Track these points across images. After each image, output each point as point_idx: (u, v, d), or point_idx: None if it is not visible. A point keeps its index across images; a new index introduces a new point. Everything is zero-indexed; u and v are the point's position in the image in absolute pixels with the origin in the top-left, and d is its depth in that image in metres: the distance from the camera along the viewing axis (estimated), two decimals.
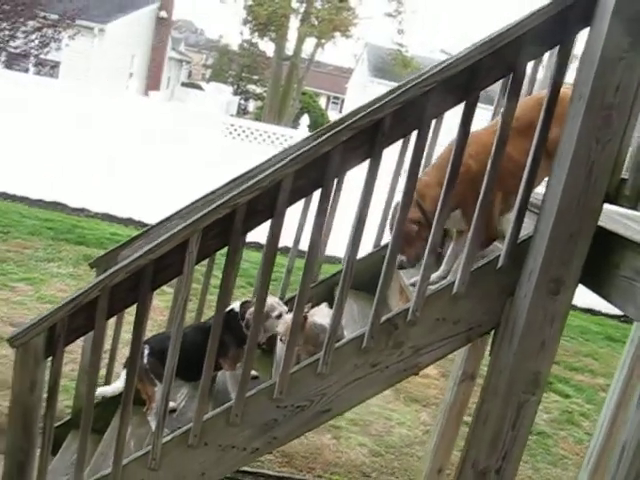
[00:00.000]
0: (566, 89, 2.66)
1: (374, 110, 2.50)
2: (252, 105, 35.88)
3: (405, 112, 2.55)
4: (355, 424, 5.35)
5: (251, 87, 36.13)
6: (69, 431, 3.98)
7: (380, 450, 5.12)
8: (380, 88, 27.49)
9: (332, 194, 2.64)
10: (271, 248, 2.66)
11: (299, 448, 4.73)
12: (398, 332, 2.77)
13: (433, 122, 3.08)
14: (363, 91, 28.47)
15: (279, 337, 3.26)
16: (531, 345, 2.66)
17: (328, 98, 47.32)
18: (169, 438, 2.88)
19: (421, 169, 2.86)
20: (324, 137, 2.51)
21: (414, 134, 2.62)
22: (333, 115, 41.41)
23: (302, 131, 11.13)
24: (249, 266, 8.47)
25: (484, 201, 2.66)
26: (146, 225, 10.75)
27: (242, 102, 33.71)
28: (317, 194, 2.65)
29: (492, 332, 2.89)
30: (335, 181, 2.66)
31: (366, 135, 2.55)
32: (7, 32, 14.39)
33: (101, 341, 2.81)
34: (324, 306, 3.31)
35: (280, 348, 3.35)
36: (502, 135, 2.61)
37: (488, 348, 4.53)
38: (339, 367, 2.77)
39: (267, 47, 32.10)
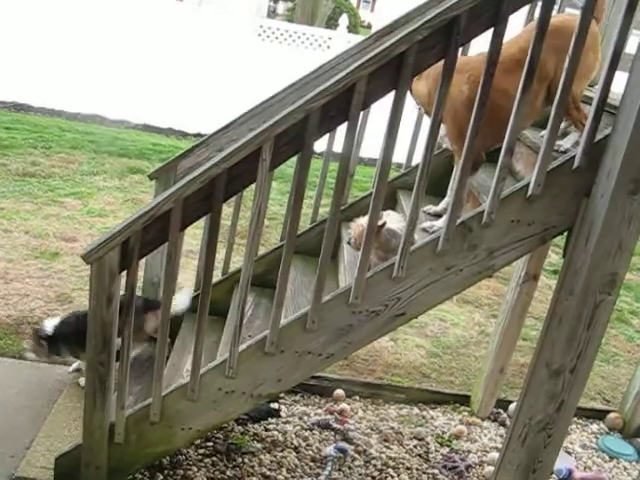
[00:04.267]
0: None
1: (450, 7, 2.40)
2: (282, 7, 34.86)
3: (481, 9, 2.44)
4: (410, 326, 5.40)
5: None
6: None
7: (437, 351, 5.18)
8: None
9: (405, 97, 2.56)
10: (347, 154, 2.61)
11: (359, 351, 4.77)
12: (473, 235, 2.75)
13: None
14: None
15: (346, 241, 3.26)
16: (608, 246, 2.63)
17: None
18: (245, 346, 2.93)
19: None
20: (399, 37, 2.42)
21: None
22: (365, 15, 40.12)
23: (340, 32, 10.80)
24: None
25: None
26: (187, 134, 10.78)
27: (271, 4, 32.77)
28: None
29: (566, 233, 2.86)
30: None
31: (441, 34, 2.45)
32: None
33: (175, 253, 2.83)
34: (391, 212, 3.28)
35: (348, 252, 3.35)
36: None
37: (552, 248, 4.52)
38: (414, 271, 2.77)
39: None
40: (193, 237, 5.58)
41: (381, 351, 4.94)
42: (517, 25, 3.19)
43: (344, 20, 10.71)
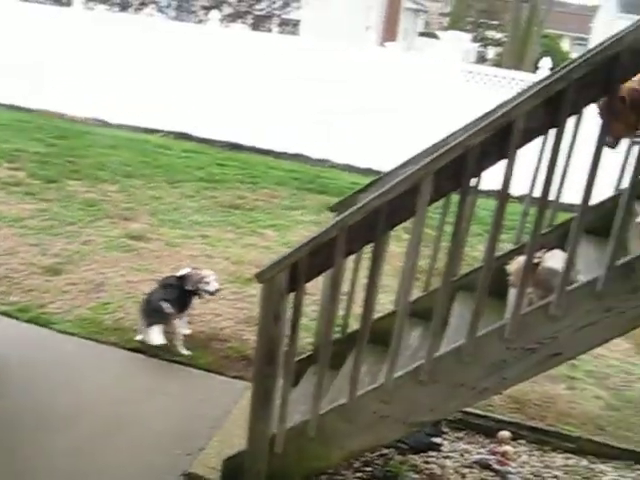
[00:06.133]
0: None
1: (610, 45, 2.40)
2: (492, 52, 34.76)
3: None
4: (592, 376, 5.18)
5: (490, 33, 35.01)
6: (309, 365, 4.26)
7: (617, 404, 4.92)
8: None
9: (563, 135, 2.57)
10: (504, 191, 2.66)
11: (532, 396, 4.69)
12: (636, 276, 2.67)
13: None
14: (610, 29, 26.45)
15: (509, 280, 3.27)
16: None
17: (572, 40, 44.59)
18: (401, 374, 3.03)
19: None
20: (555, 75, 2.46)
21: None
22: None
23: (542, 74, 10.66)
24: (486, 214, 8.36)
25: None
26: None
27: (481, 49, 32.84)
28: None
29: None
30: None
31: (601, 72, 2.46)
32: None
33: (339, 278, 3.00)
34: (557, 251, 3.26)
35: (512, 291, 3.36)
36: None
37: None
38: (572, 311, 2.75)
39: None
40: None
41: (555, 398, 4.79)
42: None
43: (545, 62, 10.55)
